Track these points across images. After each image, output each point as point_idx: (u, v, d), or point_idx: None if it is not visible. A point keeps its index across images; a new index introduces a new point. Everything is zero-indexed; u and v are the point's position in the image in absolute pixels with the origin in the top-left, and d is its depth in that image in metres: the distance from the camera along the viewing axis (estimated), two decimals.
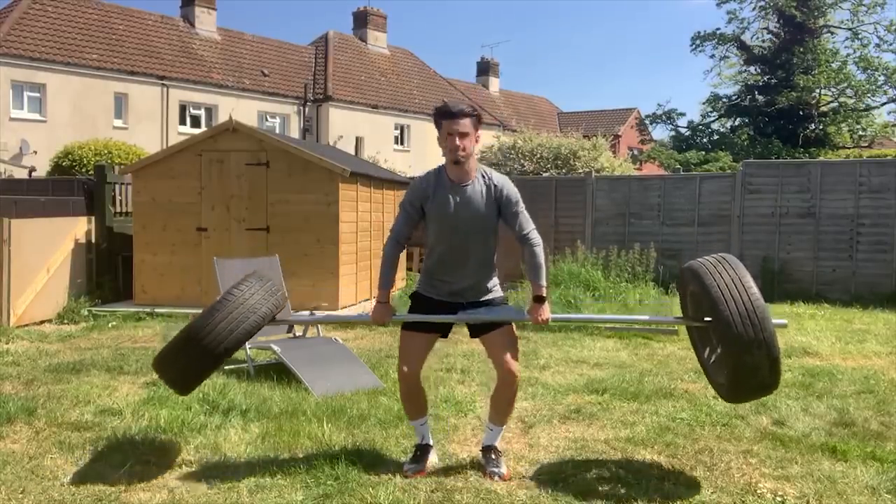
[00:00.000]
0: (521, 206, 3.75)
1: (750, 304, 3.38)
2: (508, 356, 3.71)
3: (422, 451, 3.89)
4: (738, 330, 3.36)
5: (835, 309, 10.03)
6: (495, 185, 3.71)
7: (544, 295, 3.72)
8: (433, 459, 3.93)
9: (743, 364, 3.42)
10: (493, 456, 3.85)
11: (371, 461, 3.92)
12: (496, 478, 3.73)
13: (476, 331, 3.82)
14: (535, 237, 3.72)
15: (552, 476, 3.80)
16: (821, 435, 4.49)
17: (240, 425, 4.58)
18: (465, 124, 3.60)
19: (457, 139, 3.59)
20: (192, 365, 3.64)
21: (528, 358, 6.75)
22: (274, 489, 3.59)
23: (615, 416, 4.88)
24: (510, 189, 3.73)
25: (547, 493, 3.58)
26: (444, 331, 3.86)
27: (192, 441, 4.27)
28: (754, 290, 3.43)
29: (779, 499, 3.54)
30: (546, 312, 3.70)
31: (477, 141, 3.69)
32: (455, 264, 3.75)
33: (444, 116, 3.63)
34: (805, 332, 8.13)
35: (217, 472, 3.81)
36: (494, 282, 3.88)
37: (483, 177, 3.73)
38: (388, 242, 3.83)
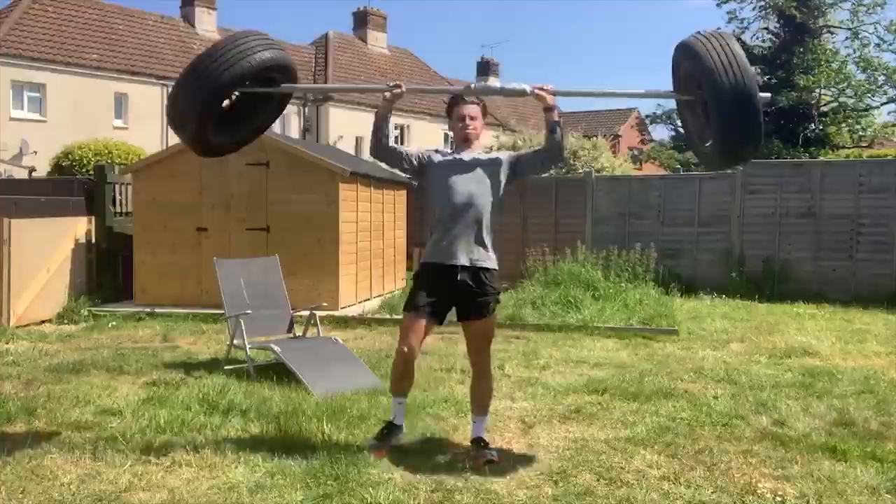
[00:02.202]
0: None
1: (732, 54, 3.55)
2: (482, 344, 4.07)
3: (389, 430, 4.14)
4: (712, 58, 3.53)
5: (835, 309, 10.03)
6: (498, 156, 4.17)
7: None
8: (398, 440, 4.16)
9: (721, 86, 3.51)
10: (482, 444, 4.08)
11: (371, 461, 3.92)
12: (489, 460, 3.91)
13: (462, 315, 4.05)
14: None
15: (552, 476, 3.80)
16: (821, 435, 4.49)
17: (240, 425, 4.58)
18: (474, 109, 4.09)
19: (467, 119, 4.06)
20: (197, 99, 3.74)
21: (529, 358, 6.75)
22: (274, 489, 3.59)
23: (615, 416, 4.88)
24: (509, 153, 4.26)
25: (547, 493, 3.59)
26: (441, 318, 4.04)
27: (192, 441, 4.27)
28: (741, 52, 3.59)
29: (779, 499, 3.55)
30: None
31: (482, 129, 4.15)
32: (455, 224, 3.94)
33: (455, 102, 4.11)
34: (805, 332, 8.14)
35: (217, 472, 3.81)
36: (493, 256, 4.05)
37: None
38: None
